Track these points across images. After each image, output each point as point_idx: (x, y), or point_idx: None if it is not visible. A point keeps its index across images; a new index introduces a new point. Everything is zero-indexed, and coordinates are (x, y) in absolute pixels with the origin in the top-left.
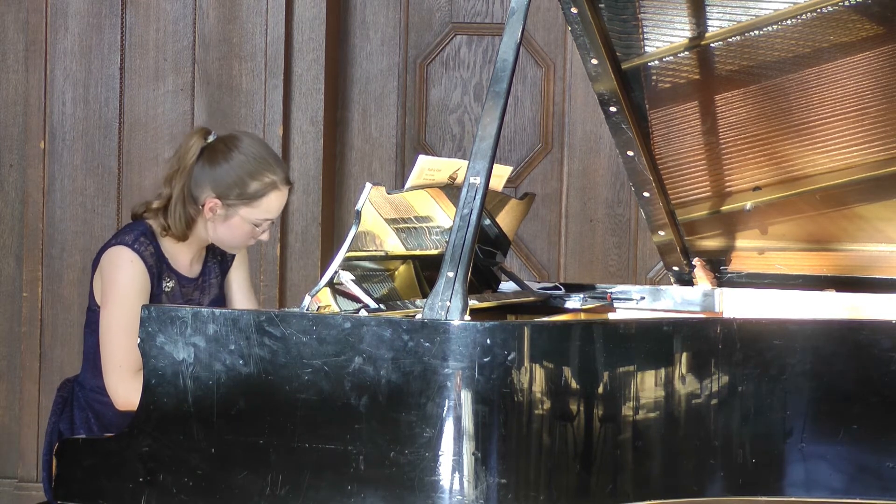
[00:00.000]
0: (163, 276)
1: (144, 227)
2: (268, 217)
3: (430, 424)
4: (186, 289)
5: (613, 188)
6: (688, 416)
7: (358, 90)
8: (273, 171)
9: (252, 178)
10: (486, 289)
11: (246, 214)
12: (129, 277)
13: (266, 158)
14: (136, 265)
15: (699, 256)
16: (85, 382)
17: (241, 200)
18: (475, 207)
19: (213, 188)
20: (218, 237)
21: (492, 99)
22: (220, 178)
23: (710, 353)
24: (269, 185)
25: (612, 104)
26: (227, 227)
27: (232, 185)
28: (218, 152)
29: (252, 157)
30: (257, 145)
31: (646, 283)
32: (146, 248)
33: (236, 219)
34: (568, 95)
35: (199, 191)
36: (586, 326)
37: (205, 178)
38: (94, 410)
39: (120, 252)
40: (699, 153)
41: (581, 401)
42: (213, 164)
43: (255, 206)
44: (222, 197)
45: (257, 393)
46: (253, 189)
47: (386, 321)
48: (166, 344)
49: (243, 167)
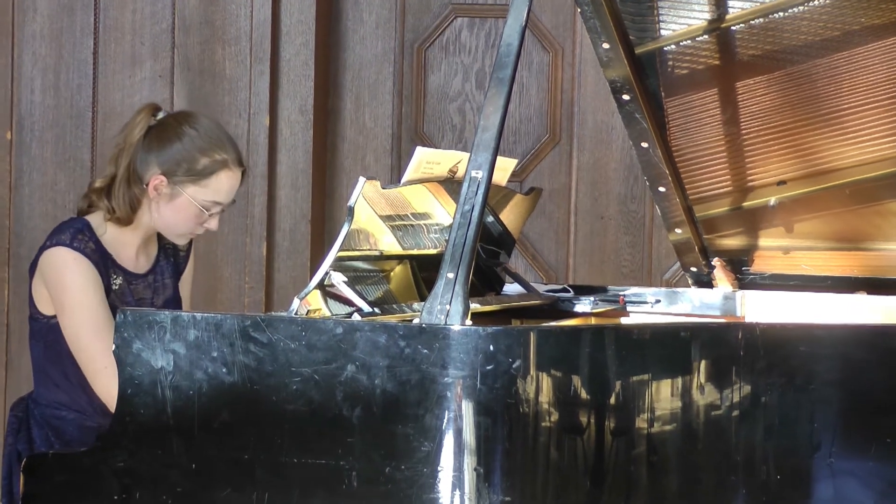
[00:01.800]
0: (109, 273)
1: (81, 223)
2: (217, 199)
3: (429, 438)
4: (136, 286)
5: (626, 183)
6: (707, 428)
7: (351, 77)
8: (225, 149)
9: (202, 154)
10: (489, 291)
11: (193, 194)
12: (79, 276)
13: (219, 136)
14: (80, 263)
15: (719, 256)
16: (39, 398)
17: (189, 177)
18: (477, 203)
19: (159, 165)
20: (162, 220)
21: (495, 86)
22: (168, 154)
23: (731, 360)
24: (220, 164)
25: (625, 92)
26: (173, 209)
27: (180, 161)
28: (167, 128)
29: (204, 133)
30: (210, 123)
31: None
32: (86, 245)
33: (182, 199)
34: (577, 83)
35: (144, 168)
36: (597, 332)
37: (151, 155)
38: (52, 427)
39: (59, 253)
40: (719, 145)
41: (592, 412)
42: (160, 141)
43: (204, 185)
44: (168, 174)
45: (242, 404)
46: (202, 165)
47: (381, 326)
48: (143, 351)
49: (193, 143)
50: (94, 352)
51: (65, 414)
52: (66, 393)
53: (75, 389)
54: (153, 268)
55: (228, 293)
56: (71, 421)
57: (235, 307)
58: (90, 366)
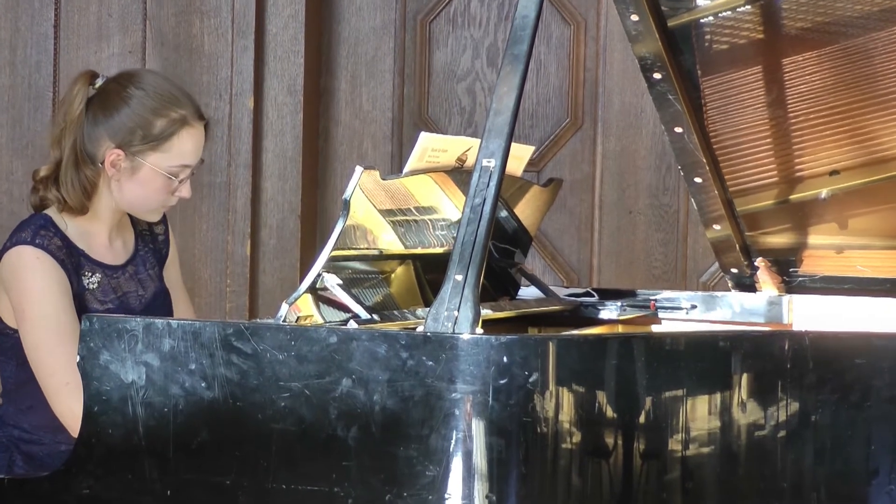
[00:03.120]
0: (81, 271)
1: (42, 219)
2: (183, 162)
3: (435, 461)
4: (117, 280)
5: (658, 172)
6: (749, 451)
7: (346, 53)
8: (180, 104)
9: (156, 116)
10: (503, 295)
11: (156, 162)
12: (41, 277)
13: (170, 91)
14: (43, 262)
15: (763, 256)
16: (7, 418)
17: (148, 144)
18: (489, 196)
19: (110, 137)
20: (128, 199)
21: (509, 64)
22: (118, 123)
23: (777, 374)
24: (178, 122)
25: (657, 70)
26: (138, 183)
27: (133, 129)
28: (111, 94)
29: (153, 91)
30: (156, 78)
31: (697, 289)
32: (50, 241)
33: (146, 170)
34: (602, 59)
35: (94, 145)
36: (625, 341)
37: (99, 128)
38: (21, 452)
39: (20, 253)
40: (763, 130)
41: (619, 432)
42: (106, 110)
43: (165, 149)
44: (124, 145)
45: (223, 422)
46: (159, 128)
47: (380, 335)
48: (112, 362)
49: (144, 105)
50: (54, 365)
51: (37, 437)
52: (41, 414)
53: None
54: (133, 257)
55: (208, 297)
56: (44, 445)
57: (216, 313)
58: (50, 381)
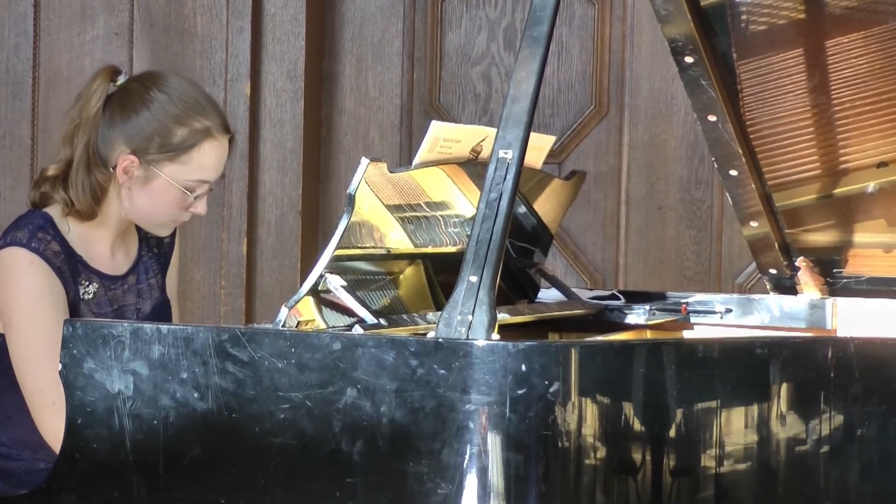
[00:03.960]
0: (78, 280)
1: (41, 219)
2: (202, 177)
3: (447, 478)
4: (115, 291)
5: (690, 164)
6: (789, 467)
7: (350, 35)
8: (206, 114)
9: (178, 124)
10: (521, 298)
11: (173, 174)
12: (33, 284)
13: (196, 98)
14: (37, 267)
15: (804, 255)
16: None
17: (165, 154)
18: (506, 190)
19: (126, 142)
20: (137, 210)
21: (528, 47)
22: (136, 127)
23: (820, 383)
24: (202, 133)
25: (689, 53)
26: (149, 195)
27: (151, 135)
28: (131, 95)
29: (177, 96)
30: (183, 83)
31: (733, 291)
32: (47, 246)
33: (160, 181)
34: (629, 42)
35: (108, 148)
36: (654, 348)
37: (115, 130)
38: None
39: (12, 256)
40: (804, 118)
41: (647, 447)
42: (124, 112)
43: (184, 161)
44: (140, 152)
45: (218, 436)
46: (179, 138)
47: (388, 341)
48: (97, 371)
49: (165, 111)
50: (42, 381)
51: (16, 452)
52: (20, 427)
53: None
54: (135, 266)
55: (200, 300)
56: (22, 461)
57: (209, 318)
58: (36, 398)
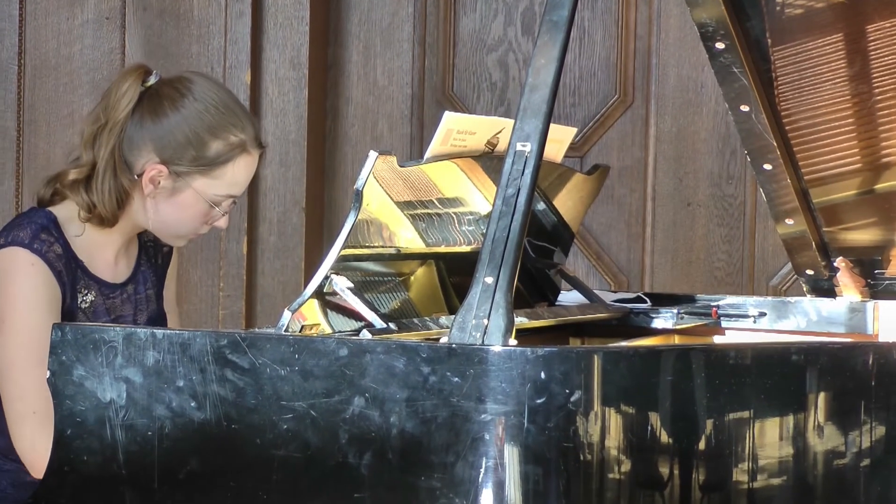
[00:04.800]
0: (77, 287)
1: (46, 218)
2: (231, 192)
3: (461, 493)
4: (112, 300)
5: (721, 158)
6: (827, 482)
7: (357, 19)
8: (242, 126)
9: (213, 136)
10: (540, 301)
11: (202, 188)
12: (31, 287)
13: (232, 109)
14: (37, 269)
15: (843, 255)
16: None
17: (197, 167)
18: (524, 186)
19: (156, 150)
20: (160, 220)
21: (547, 32)
22: (167, 135)
23: (860, 392)
24: (237, 147)
25: (720, 38)
26: (174, 206)
27: (184, 146)
28: (163, 100)
29: (213, 106)
30: (220, 91)
31: (767, 294)
32: (49, 247)
33: (188, 193)
34: (656, 26)
35: (135, 154)
36: (682, 354)
37: (145, 135)
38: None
39: (13, 256)
40: (844, 108)
41: (675, 460)
42: (156, 117)
43: (217, 175)
44: (170, 162)
45: (216, 448)
46: (215, 151)
47: (398, 346)
48: (87, 378)
49: (201, 120)
50: (26, 387)
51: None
52: (7, 438)
53: None
54: (134, 274)
55: (198, 303)
56: (6, 473)
57: (207, 322)
58: (16, 405)
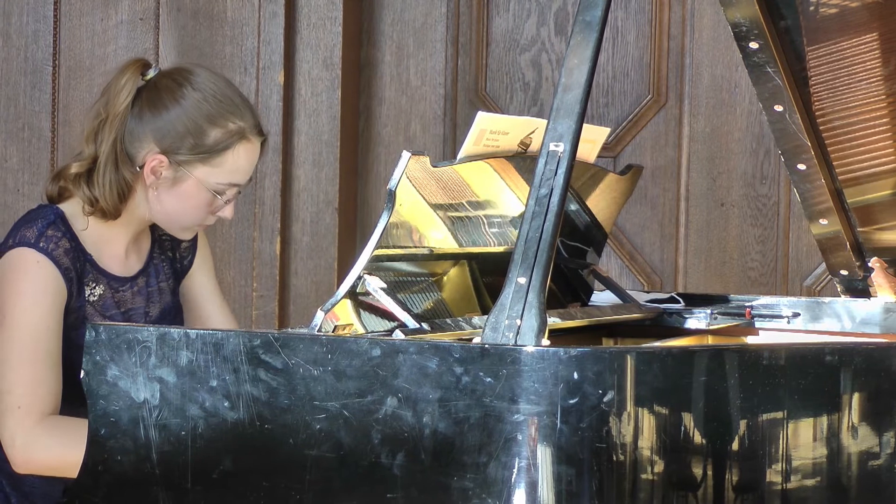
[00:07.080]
0: (85, 281)
1: (53, 214)
2: (233, 181)
3: (494, 493)
4: (122, 294)
5: (755, 158)
6: (862, 483)
7: (390, 19)
8: (240, 114)
9: (211, 124)
10: (573, 301)
11: (203, 176)
12: (35, 285)
13: (231, 97)
14: (43, 268)
15: (878, 255)
16: None
17: (197, 155)
18: (557, 186)
19: (156, 140)
20: (163, 211)
21: (581, 32)
22: (167, 125)
23: (895, 393)
24: (236, 135)
25: (754, 38)
26: (177, 197)
27: (183, 135)
28: (162, 91)
29: (211, 95)
30: (218, 81)
31: (801, 294)
32: (57, 244)
33: (189, 183)
34: (689, 26)
35: (136, 146)
36: (716, 355)
37: (145, 127)
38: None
39: (20, 256)
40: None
41: (708, 461)
42: (155, 108)
43: (217, 163)
44: (170, 151)
45: (249, 448)
46: (213, 139)
47: (431, 347)
48: (121, 379)
49: (199, 109)
50: (15, 381)
51: None
52: None
53: None
54: (145, 267)
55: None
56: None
57: (241, 322)
58: (4, 398)
